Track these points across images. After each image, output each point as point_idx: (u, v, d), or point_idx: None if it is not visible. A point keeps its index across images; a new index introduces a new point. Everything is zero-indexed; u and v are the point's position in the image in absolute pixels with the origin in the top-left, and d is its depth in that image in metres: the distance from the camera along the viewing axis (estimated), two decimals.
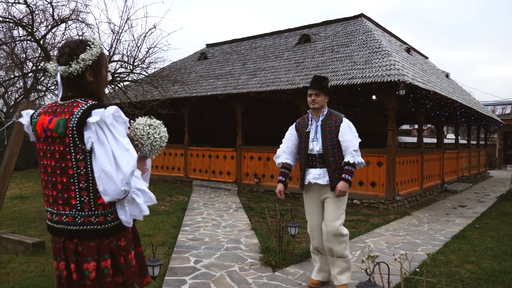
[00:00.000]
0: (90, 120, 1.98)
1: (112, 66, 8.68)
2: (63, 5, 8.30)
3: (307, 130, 4.49)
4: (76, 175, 2.03)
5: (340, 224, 4.37)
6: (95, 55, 2.16)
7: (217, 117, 18.54)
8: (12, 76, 13.62)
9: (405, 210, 10.00)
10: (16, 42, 10.09)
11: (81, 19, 8.64)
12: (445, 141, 19.77)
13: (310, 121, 4.51)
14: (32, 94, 19.11)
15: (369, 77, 9.78)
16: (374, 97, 11.88)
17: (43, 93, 19.50)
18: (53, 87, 18.27)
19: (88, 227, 2.05)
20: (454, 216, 9.47)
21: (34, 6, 7.97)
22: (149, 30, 8.74)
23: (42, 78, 16.97)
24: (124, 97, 9.94)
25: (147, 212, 2.15)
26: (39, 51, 9.54)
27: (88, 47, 2.15)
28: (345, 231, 4.42)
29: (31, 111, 2.27)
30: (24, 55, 11.58)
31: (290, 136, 4.67)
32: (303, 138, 4.52)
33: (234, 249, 6.19)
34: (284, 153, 4.65)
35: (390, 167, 9.88)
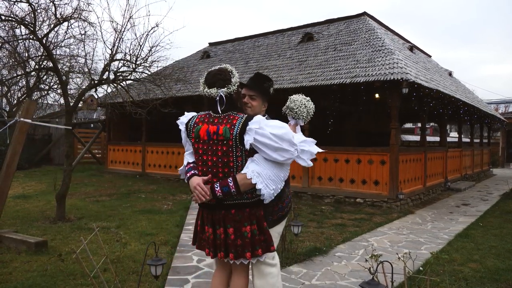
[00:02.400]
0: (249, 127, 2.86)
1: (114, 65, 8.65)
2: (66, 3, 8.24)
3: None
4: (235, 167, 2.91)
5: None
6: (238, 79, 3.04)
7: None
8: (15, 75, 13.61)
9: (408, 209, 9.98)
10: (19, 41, 10.07)
11: (84, 18, 8.59)
12: (448, 139, 19.69)
13: None
14: (35, 93, 19.14)
15: (372, 76, 9.75)
16: (377, 95, 11.83)
17: (45, 92, 19.53)
18: (55, 86, 18.29)
19: (242, 201, 2.93)
20: (458, 215, 9.45)
21: (36, 4, 7.95)
22: (151, 29, 8.69)
23: (45, 77, 17.01)
24: (126, 96, 9.91)
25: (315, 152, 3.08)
26: (42, 50, 9.52)
27: (231, 73, 3.01)
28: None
29: (185, 120, 3.18)
30: (26, 54, 11.58)
31: None
32: None
33: None
34: None
35: (393, 166, 9.85)
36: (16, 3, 7.93)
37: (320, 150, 3.16)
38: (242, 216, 2.93)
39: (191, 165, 3.19)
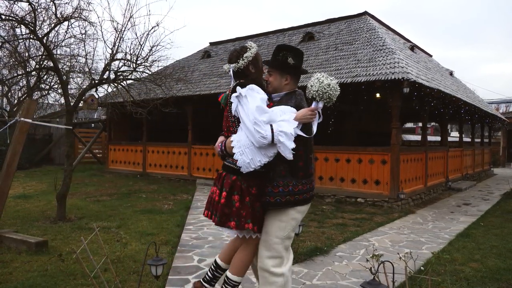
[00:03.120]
0: (234, 94, 3.01)
1: (115, 64, 8.64)
2: (66, 3, 8.23)
3: None
4: (234, 131, 3.11)
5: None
6: (253, 53, 3.15)
7: (221, 116, 18.49)
8: (15, 74, 13.61)
9: (409, 209, 9.96)
10: (19, 41, 10.06)
11: (84, 17, 8.58)
12: (449, 139, 19.68)
13: None
14: (35, 92, 19.13)
15: (373, 75, 9.73)
16: (378, 95, 11.81)
17: (46, 92, 19.52)
18: (56, 86, 18.28)
19: (231, 166, 3.06)
20: (459, 214, 9.43)
21: (37, 3, 7.93)
22: (152, 28, 8.66)
23: (45, 77, 16.99)
24: (127, 96, 9.90)
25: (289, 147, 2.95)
26: (42, 49, 9.51)
27: (247, 49, 3.15)
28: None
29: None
30: (27, 54, 11.58)
31: None
32: None
33: None
34: None
35: (394, 165, 9.84)
36: (16, 2, 7.93)
37: (292, 146, 2.91)
38: (231, 182, 3.04)
39: None
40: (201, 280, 3.43)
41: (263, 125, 2.87)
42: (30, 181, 13.85)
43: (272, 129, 2.87)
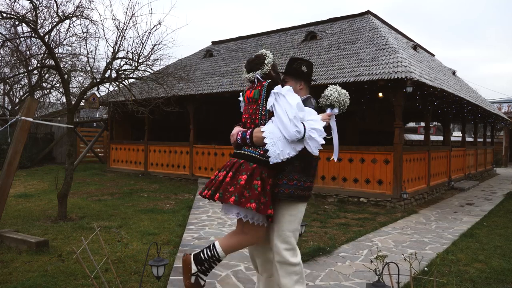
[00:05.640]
0: (273, 90, 3.24)
1: (116, 63, 8.60)
2: (68, 1, 8.20)
3: None
4: (259, 124, 3.33)
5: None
6: (272, 59, 3.46)
7: (222, 115, 18.48)
8: (17, 73, 13.59)
9: (412, 208, 9.91)
10: (21, 39, 10.03)
11: (86, 16, 8.54)
12: (452, 138, 19.63)
13: None
14: (37, 91, 19.10)
15: (376, 74, 9.68)
16: (380, 94, 11.76)
17: (48, 91, 19.49)
18: (58, 85, 18.25)
19: (253, 154, 3.26)
20: (462, 214, 9.38)
21: (38, 2, 7.90)
22: (153, 27, 8.63)
23: (47, 75, 16.96)
24: (129, 95, 9.87)
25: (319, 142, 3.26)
26: (44, 48, 9.49)
27: (265, 56, 3.44)
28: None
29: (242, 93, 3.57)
30: (28, 52, 11.55)
31: None
32: None
33: None
34: None
35: (397, 165, 9.79)
36: (17, 0, 7.89)
37: (322, 142, 3.26)
38: (246, 168, 3.20)
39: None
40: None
41: (299, 121, 3.13)
42: (32, 180, 13.83)
43: (304, 126, 3.15)
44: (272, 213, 3.19)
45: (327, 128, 3.48)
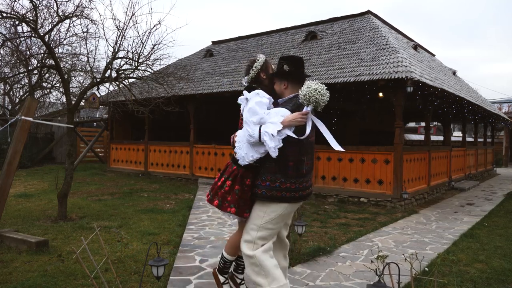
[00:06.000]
0: (243, 96, 3.46)
1: (117, 63, 8.59)
2: (68, 0, 8.19)
3: None
4: (240, 129, 3.52)
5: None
6: (261, 63, 3.64)
7: (223, 115, 18.47)
8: (17, 73, 13.57)
9: (412, 208, 9.90)
10: (21, 39, 10.01)
11: (86, 15, 8.53)
12: (452, 138, 19.63)
13: None
14: (37, 91, 19.08)
15: (376, 74, 9.67)
16: (381, 94, 11.74)
17: (48, 91, 19.47)
18: (58, 85, 18.24)
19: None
20: (462, 214, 9.37)
21: (38, 1, 7.89)
22: (154, 26, 8.62)
23: (47, 75, 16.94)
24: (129, 94, 9.87)
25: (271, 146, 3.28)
26: (44, 47, 9.48)
27: (257, 60, 3.64)
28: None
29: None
30: (28, 52, 11.53)
31: None
32: None
33: None
34: None
35: (397, 165, 9.78)
36: (17, 0, 7.88)
37: (275, 144, 3.22)
38: (231, 170, 3.55)
39: None
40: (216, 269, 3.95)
41: (252, 125, 3.27)
42: (32, 179, 13.83)
43: (260, 129, 3.25)
44: (233, 211, 3.51)
45: (302, 128, 3.30)
